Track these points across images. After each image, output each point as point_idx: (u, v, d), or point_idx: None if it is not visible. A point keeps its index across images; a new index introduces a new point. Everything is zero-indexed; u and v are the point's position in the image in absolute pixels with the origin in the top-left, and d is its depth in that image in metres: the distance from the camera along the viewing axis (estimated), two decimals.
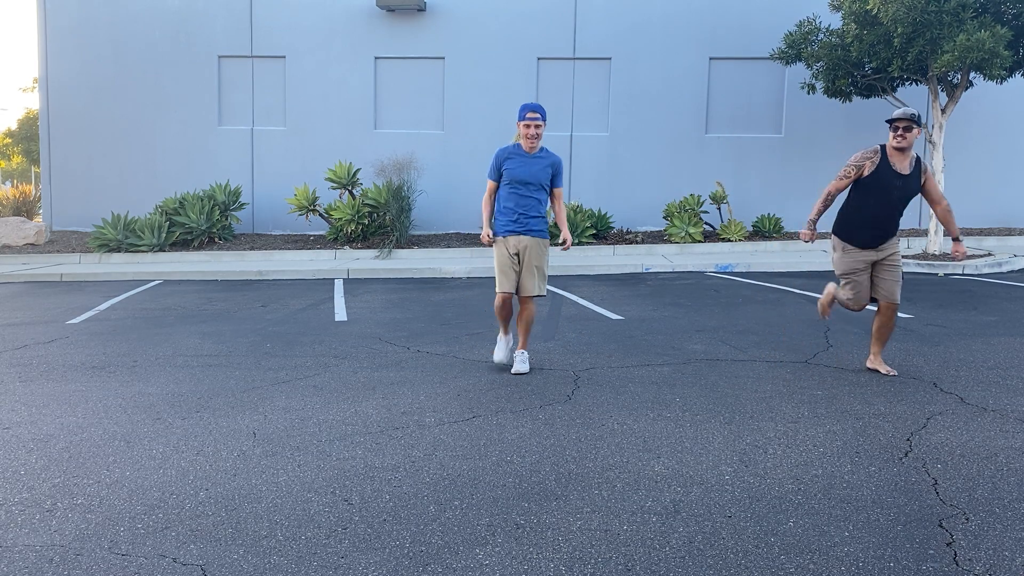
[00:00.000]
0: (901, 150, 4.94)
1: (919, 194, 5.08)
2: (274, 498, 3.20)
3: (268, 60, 15.46)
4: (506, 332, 5.47)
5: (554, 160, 5.27)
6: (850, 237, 5.10)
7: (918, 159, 5.03)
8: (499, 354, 5.47)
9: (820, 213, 5.21)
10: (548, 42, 15.11)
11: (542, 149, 5.26)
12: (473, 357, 5.83)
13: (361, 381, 5.16)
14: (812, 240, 5.27)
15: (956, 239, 5.12)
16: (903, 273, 11.42)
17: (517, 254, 5.26)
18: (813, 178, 14.29)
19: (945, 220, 5.12)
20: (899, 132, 4.89)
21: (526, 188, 5.18)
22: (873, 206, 5.00)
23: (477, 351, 6.03)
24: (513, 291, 5.29)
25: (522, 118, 5.15)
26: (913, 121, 4.86)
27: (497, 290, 5.30)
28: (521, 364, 5.33)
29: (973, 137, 14.66)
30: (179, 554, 2.72)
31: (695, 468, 3.48)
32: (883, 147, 5.02)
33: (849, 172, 5.06)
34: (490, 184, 5.31)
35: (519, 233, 5.23)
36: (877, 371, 5.20)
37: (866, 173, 5.00)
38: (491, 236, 5.27)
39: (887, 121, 4.97)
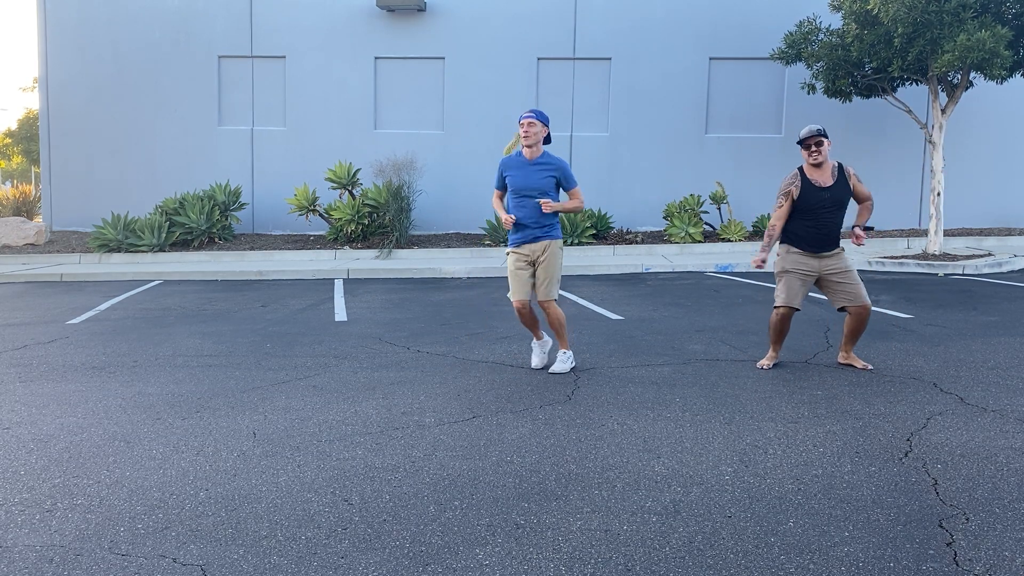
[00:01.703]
0: (818, 165, 5.17)
1: (851, 196, 5.28)
2: (274, 498, 3.20)
3: (268, 60, 15.46)
4: (538, 337, 5.48)
5: (558, 165, 5.21)
6: (796, 244, 5.31)
7: (839, 166, 5.25)
8: (534, 359, 5.48)
9: (769, 248, 5.35)
10: (548, 42, 15.11)
11: (544, 155, 5.21)
12: (473, 357, 5.83)
13: (361, 381, 5.16)
14: (762, 265, 5.41)
15: (856, 227, 5.27)
16: (906, 273, 11.26)
17: (533, 262, 5.25)
18: None
19: (861, 212, 5.33)
20: (812, 150, 5.14)
21: (527, 197, 5.17)
22: (810, 221, 5.23)
23: (477, 351, 6.03)
24: (525, 299, 5.27)
25: (520, 120, 5.20)
26: (822, 136, 5.11)
27: (511, 297, 5.33)
28: (560, 364, 5.32)
29: (973, 137, 14.66)
30: (179, 554, 2.72)
31: (695, 468, 3.48)
32: (800, 169, 5.26)
33: (782, 201, 5.32)
34: (496, 192, 5.39)
35: (528, 243, 5.23)
36: (853, 366, 5.36)
37: (796, 196, 5.23)
38: (509, 218, 5.18)
39: (798, 143, 5.20)
